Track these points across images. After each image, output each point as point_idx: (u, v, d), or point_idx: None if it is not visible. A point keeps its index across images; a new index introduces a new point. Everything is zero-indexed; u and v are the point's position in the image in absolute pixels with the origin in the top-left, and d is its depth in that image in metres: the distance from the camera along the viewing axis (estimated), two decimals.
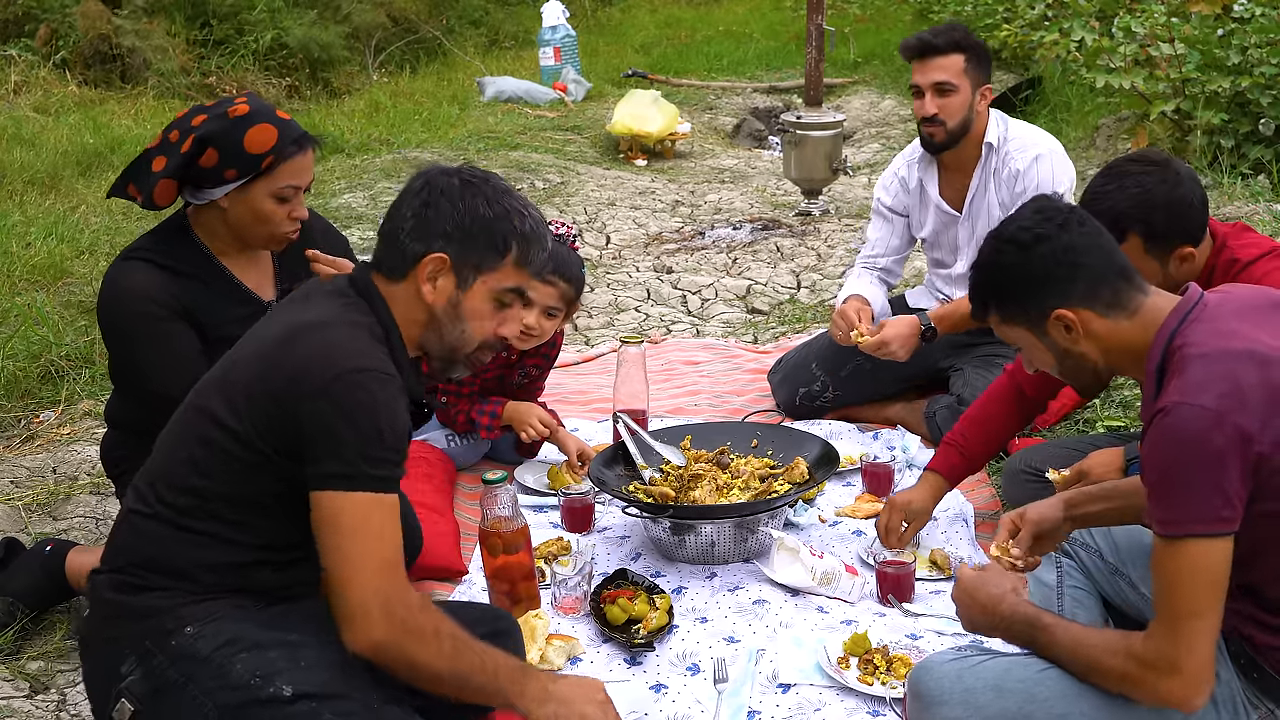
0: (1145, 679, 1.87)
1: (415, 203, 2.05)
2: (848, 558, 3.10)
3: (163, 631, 1.95)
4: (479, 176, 2.08)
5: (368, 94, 10.29)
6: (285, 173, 2.61)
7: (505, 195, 2.07)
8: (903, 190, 3.93)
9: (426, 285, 2.04)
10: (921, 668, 2.10)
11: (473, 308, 2.08)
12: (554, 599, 2.88)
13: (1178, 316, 1.95)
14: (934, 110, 3.65)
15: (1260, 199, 5.33)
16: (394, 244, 2.06)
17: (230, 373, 2.02)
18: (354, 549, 1.88)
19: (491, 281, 2.07)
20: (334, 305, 2.03)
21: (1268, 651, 1.98)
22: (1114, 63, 6.52)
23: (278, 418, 1.92)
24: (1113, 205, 2.54)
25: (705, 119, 10.48)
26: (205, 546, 1.98)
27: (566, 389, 4.39)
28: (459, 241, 2.03)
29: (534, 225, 2.08)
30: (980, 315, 2.16)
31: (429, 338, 2.10)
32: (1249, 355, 1.85)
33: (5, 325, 4.40)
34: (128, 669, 1.95)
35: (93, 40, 9.78)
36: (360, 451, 1.88)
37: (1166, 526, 1.83)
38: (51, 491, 3.47)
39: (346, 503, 1.89)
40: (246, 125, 2.55)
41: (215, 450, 1.96)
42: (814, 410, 3.97)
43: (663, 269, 6.20)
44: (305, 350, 1.93)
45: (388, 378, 1.94)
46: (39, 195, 6.20)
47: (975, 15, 10.74)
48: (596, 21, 14.74)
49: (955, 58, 3.63)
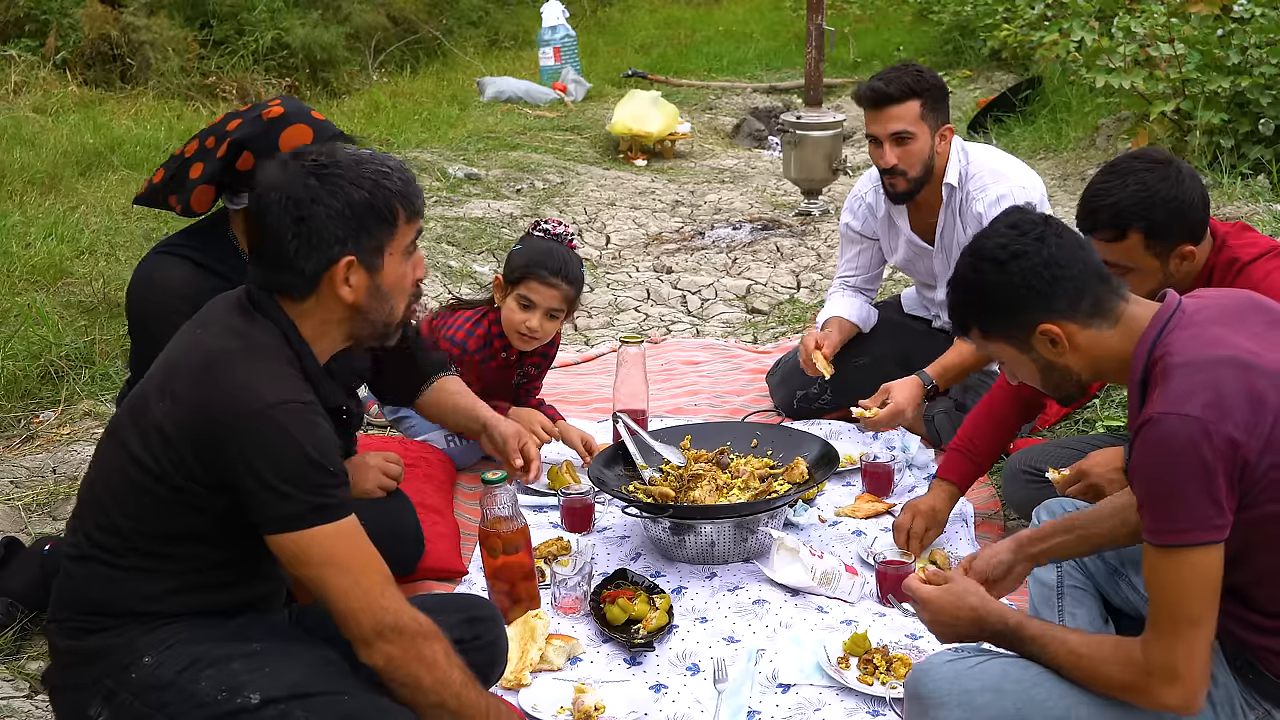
0: (1148, 687, 1.88)
1: (286, 221, 1.95)
2: (848, 558, 3.10)
3: (120, 667, 1.94)
4: (324, 163, 1.98)
5: (368, 94, 10.28)
6: None
7: (361, 165, 2.00)
8: (871, 216, 3.87)
9: (344, 289, 1.99)
10: (919, 670, 2.10)
11: (391, 280, 2.04)
12: (554, 599, 2.88)
13: (1157, 325, 1.95)
14: (894, 161, 3.54)
15: (1260, 199, 5.34)
16: (286, 267, 1.97)
17: (142, 406, 1.97)
18: (341, 582, 1.89)
19: (396, 249, 2.03)
20: (238, 330, 1.98)
21: (1260, 653, 1.99)
22: (1114, 63, 6.52)
23: (196, 454, 1.89)
24: (1115, 202, 2.54)
25: (705, 119, 10.48)
26: (140, 580, 1.96)
27: (566, 389, 4.39)
28: (354, 236, 1.97)
29: (401, 176, 2.03)
30: (961, 333, 2.15)
31: (358, 328, 2.07)
32: (1231, 362, 1.85)
33: (5, 325, 4.40)
34: (95, 711, 1.95)
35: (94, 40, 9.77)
36: (295, 483, 1.87)
37: (1161, 536, 1.83)
38: (51, 491, 3.47)
39: (309, 541, 1.89)
40: (281, 127, 2.54)
41: (133, 486, 1.94)
42: (812, 412, 3.96)
43: (662, 269, 6.20)
44: (219, 385, 1.89)
45: (303, 406, 1.91)
46: (39, 195, 6.19)
47: (975, 15, 10.75)
48: (596, 21, 14.72)
49: (911, 104, 3.50)
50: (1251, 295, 2.07)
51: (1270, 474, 1.82)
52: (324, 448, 1.91)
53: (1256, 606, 1.97)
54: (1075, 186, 6.90)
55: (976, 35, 10.78)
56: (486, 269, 5.95)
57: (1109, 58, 6.57)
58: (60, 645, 2.02)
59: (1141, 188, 2.54)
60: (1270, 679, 1.99)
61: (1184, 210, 2.57)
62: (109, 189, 6.36)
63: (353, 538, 1.92)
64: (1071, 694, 1.97)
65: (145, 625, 1.96)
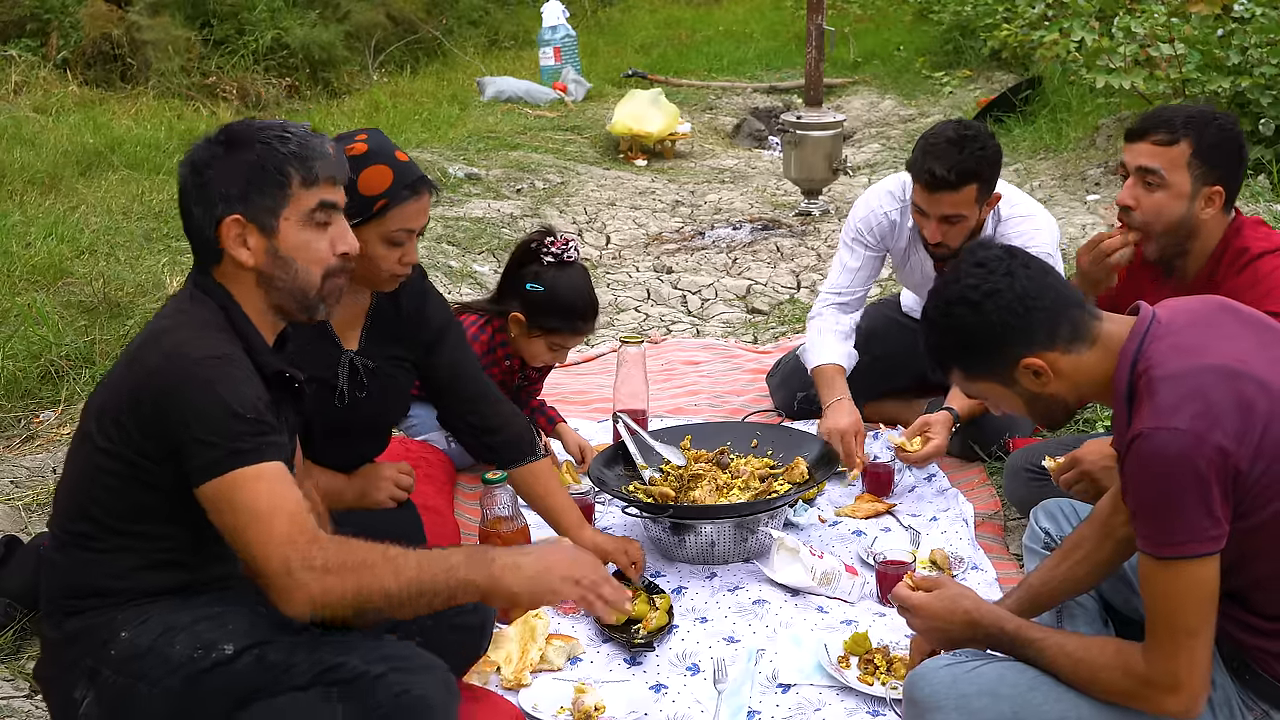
0: (1150, 697, 1.89)
1: (193, 188, 2.02)
2: (848, 558, 3.10)
3: (99, 644, 1.96)
4: (233, 132, 2.03)
5: (368, 94, 10.29)
6: (398, 217, 2.54)
7: (260, 131, 2.02)
8: (891, 233, 3.74)
9: (241, 251, 2.01)
10: (916, 674, 2.10)
11: (291, 245, 2.03)
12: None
13: (1135, 338, 1.94)
14: (939, 238, 3.37)
15: (1260, 199, 5.34)
16: (194, 234, 2.04)
17: (100, 394, 2.04)
18: (251, 523, 1.86)
19: (293, 214, 2.02)
20: (184, 309, 2.04)
21: (1258, 655, 1.99)
22: (1114, 63, 6.52)
23: (146, 425, 1.92)
24: (1177, 112, 2.66)
25: (705, 119, 10.48)
26: (113, 561, 1.99)
27: (566, 389, 4.39)
28: (240, 196, 1.99)
29: (299, 140, 2.02)
30: (941, 376, 2.13)
31: (273, 296, 2.06)
32: (1216, 370, 1.84)
33: (5, 325, 4.40)
34: (80, 693, 1.96)
35: (95, 40, 9.77)
36: (219, 433, 1.87)
37: (1158, 549, 1.83)
38: (51, 491, 3.47)
39: (224, 485, 1.87)
40: (362, 166, 2.50)
41: (96, 470, 1.97)
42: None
43: (663, 269, 6.20)
44: (154, 356, 1.94)
45: (220, 359, 1.92)
46: (39, 195, 6.19)
47: (975, 15, 10.75)
48: (596, 21, 14.73)
49: (968, 190, 3.28)
50: (1222, 300, 2.06)
51: (1263, 480, 1.82)
52: (241, 396, 1.90)
53: (1254, 609, 1.97)
54: (1075, 186, 6.90)
55: (976, 35, 10.78)
56: (487, 269, 5.94)
57: (1109, 58, 6.58)
58: (47, 637, 2.05)
59: (1207, 109, 2.70)
60: (1267, 680, 1.99)
61: (1232, 145, 2.65)
62: (109, 189, 6.37)
63: (268, 481, 1.88)
64: (1069, 697, 1.97)
65: (119, 603, 1.98)
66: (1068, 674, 1.98)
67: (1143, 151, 2.64)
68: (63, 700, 2.00)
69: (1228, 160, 2.65)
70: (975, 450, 3.61)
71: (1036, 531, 2.58)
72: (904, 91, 10.95)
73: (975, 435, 3.62)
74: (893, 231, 3.74)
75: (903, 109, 10.32)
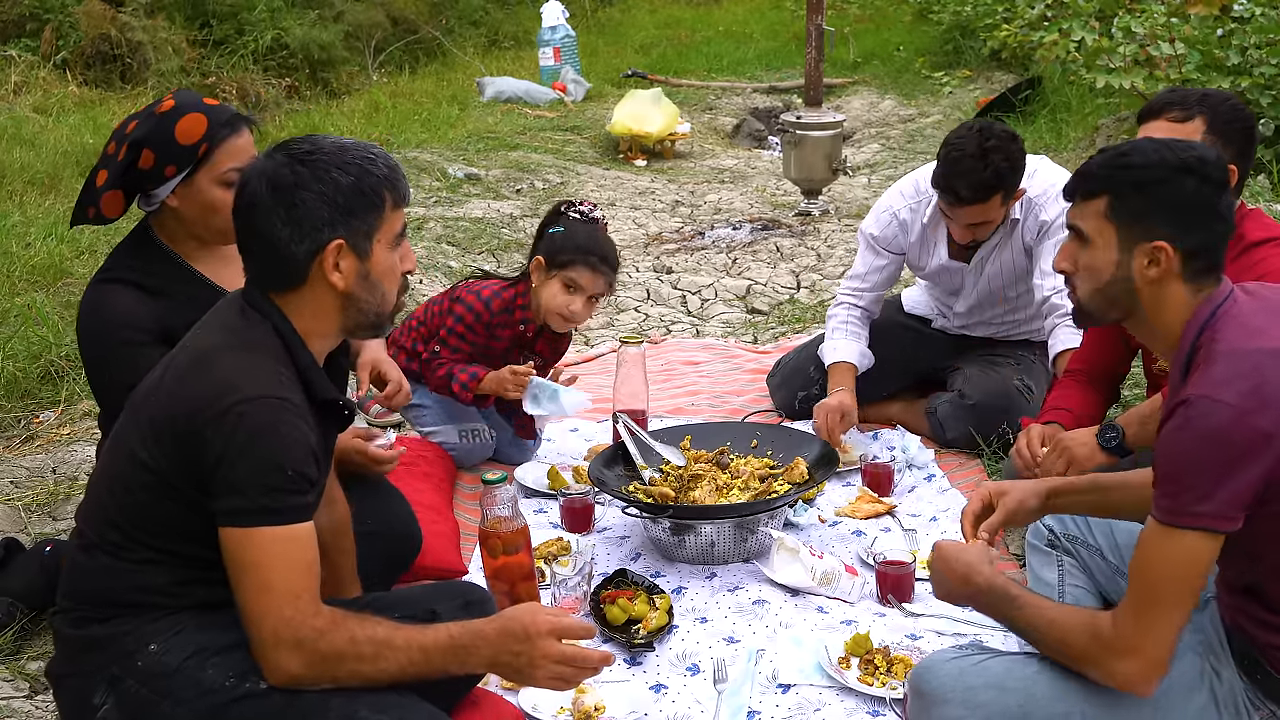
0: (1104, 661, 1.89)
1: (278, 209, 1.95)
2: (848, 558, 3.10)
3: (126, 654, 1.95)
4: (308, 150, 1.99)
5: (367, 94, 10.29)
6: (223, 156, 2.55)
7: (345, 152, 2.00)
8: (901, 233, 3.76)
9: (334, 275, 1.99)
10: (923, 666, 2.11)
11: (381, 268, 2.04)
12: (554, 599, 2.88)
13: (1211, 305, 1.93)
14: (968, 240, 3.54)
15: (1260, 199, 5.34)
16: (276, 257, 1.98)
17: (141, 406, 2.00)
18: (257, 587, 1.86)
19: (384, 236, 2.03)
20: (234, 328, 2.00)
21: (1270, 652, 1.98)
22: (1114, 63, 6.52)
23: (181, 450, 1.90)
24: (1191, 92, 2.73)
25: (705, 119, 10.49)
26: (144, 573, 1.97)
27: None
28: (342, 220, 1.97)
29: (385, 162, 2.03)
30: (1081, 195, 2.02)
31: (351, 318, 2.05)
32: (1276, 355, 1.84)
33: (5, 325, 4.40)
34: (100, 699, 1.95)
35: (94, 40, 9.77)
36: (259, 484, 1.86)
37: (1169, 515, 1.83)
38: (51, 492, 3.47)
39: (247, 539, 1.87)
40: (175, 118, 2.52)
41: (131, 484, 1.95)
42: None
43: (662, 269, 6.20)
44: (203, 381, 1.91)
45: (278, 402, 1.89)
46: (39, 195, 6.20)
47: (975, 15, 10.75)
48: (596, 22, 14.73)
49: (993, 200, 3.38)
50: None
51: None
52: (290, 448, 1.88)
53: (1270, 604, 1.96)
54: None
55: (976, 35, 10.79)
56: (487, 269, 5.94)
57: (1109, 58, 6.58)
58: (65, 634, 2.03)
59: (1218, 91, 2.76)
60: (1277, 678, 1.98)
61: (1247, 126, 2.68)
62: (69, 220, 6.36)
63: (285, 546, 1.88)
64: (1074, 691, 1.97)
65: (150, 615, 1.97)
66: (1040, 633, 1.99)
67: (1159, 129, 2.66)
68: (77, 702, 1.99)
69: (1240, 140, 2.66)
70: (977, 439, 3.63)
71: (1040, 528, 2.58)
72: (904, 91, 10.95)
73: (976, 423, 3.63)
74: (903, 231, 3.76)
75: (902, 109, 10.32)
